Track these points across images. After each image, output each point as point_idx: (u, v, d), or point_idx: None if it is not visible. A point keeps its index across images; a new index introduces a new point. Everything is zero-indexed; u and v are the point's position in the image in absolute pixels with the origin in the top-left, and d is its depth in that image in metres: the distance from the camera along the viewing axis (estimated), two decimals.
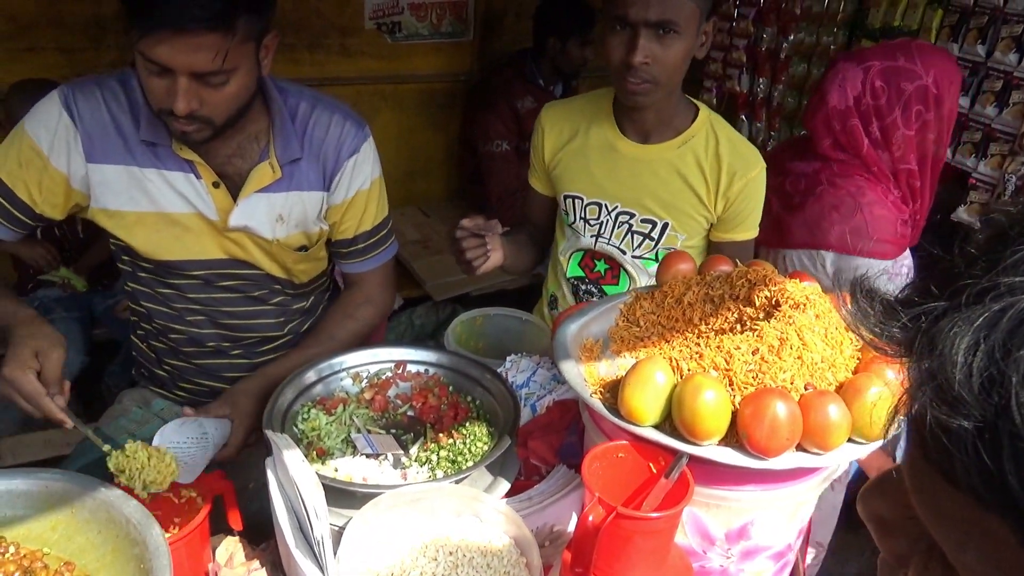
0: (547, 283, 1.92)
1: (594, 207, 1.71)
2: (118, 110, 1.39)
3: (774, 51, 3.53)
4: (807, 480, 1.02)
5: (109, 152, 1.39)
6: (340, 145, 1.50)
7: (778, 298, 1.08)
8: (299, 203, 1.51)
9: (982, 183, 2.67)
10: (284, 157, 1.46)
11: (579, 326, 1.19)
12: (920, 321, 0.39)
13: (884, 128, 1.82)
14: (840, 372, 1.00)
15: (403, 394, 1.43)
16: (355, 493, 1.14)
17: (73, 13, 3.01)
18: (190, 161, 1.41)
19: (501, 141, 3.31)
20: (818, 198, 1.88)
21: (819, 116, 1.88)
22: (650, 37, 1.47)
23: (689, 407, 0.92)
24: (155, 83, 1.25)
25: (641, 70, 1.49)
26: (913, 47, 1.81)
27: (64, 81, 2.95)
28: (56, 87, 2.41)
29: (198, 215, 1.45)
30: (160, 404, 1.66)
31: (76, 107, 1.37)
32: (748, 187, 1.62)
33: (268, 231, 1.49)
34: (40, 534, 0.99)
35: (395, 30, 3.73)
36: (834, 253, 1.86)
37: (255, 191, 1.45)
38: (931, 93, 1.77)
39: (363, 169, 1.55)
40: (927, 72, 1.76)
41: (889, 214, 1.84)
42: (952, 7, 2.75)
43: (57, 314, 2.75)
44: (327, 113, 1.50)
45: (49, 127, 1.37)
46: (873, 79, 1.80)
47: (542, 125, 1.76)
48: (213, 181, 1.43)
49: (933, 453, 0.38)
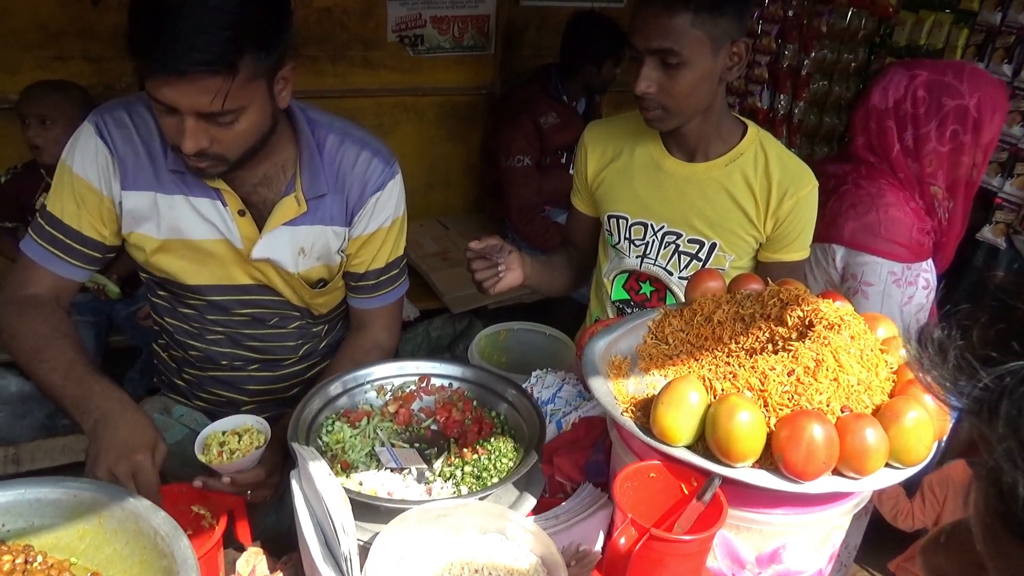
0: (591, 306, 1.88)
1: (639, 227, 1.68)
2: (148, 136, 1.39)
3: (795, 68, 3.53)
4: (841, 504, 1.01)
5: (139, 179, 1.39)
6: (365, 182, 1.48)
7: (812, 318, 1.07)
8: (322, 236, 1.49)
9: (1008, 203, 2.64)
10: (310, 192, 1.44)
11: (607, 343, 1.18)
12: (1004, 381, 0.37)
13: (918, 137, 1.82)
14: (876, 395, 0.98)
15: (427, 408, 1.42)
16: (380, 508, 1.13)
17: (101, 23, 3.06)
18: (216, 188, 1.41)
19: (523, 156, 3.32)
20: (840, 196, 1.89)
21: (859, 112, 1.91)
22: (654, 66, 1.46)
23: (723, 428, 0.91)
24: (165, 121, 1.25)
25: (647, 99, 1.49)
26: (967, 69, 1.81)
27: (90, 89, 3.00)
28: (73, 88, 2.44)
29: (224, 242, 1.45)
30: (181, 411, 1.67)
31: (110, 135, 1.37)
32: (799, 206, 1.58)
33: (291, 264, 1.48)
34: (68, 543, 0.98)
35: (417, 43, 3.76)
36: (844, 248, 1.85)
37: (280, 224, 1.45)
38: (971, 116, 1.76)
39: (386, 207, 1.52)
40: (971, 94, 1.75)
41: (905, 218, 1.82)
42: (978, 27, 2.73)
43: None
44: (355, 148, 1.48)
45: (92, 160, 1.38)
46: (917, 87, 1.80)
47: (585, 145, 1.73)
48: (239, 209, 1.43)
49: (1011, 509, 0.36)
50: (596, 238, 1.83)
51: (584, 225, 1.83)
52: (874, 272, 1.81)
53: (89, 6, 3.03)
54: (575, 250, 1.87)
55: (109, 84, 3.20)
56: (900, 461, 0.93)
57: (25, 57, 3.01)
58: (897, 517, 1.94)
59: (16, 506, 0.99)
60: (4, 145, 2.99)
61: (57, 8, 3.00)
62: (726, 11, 1.44)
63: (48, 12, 3.00)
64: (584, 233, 1.84)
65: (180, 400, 1.70)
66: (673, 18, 1.41)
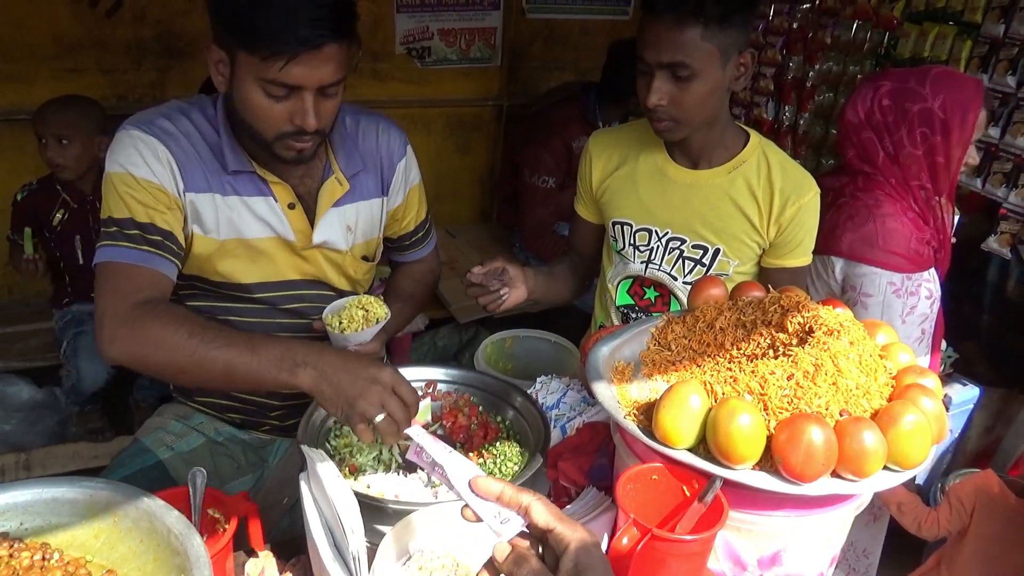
0: (595, 312, 1.91)
1: (644, 233, 1.71)
2: (197, 141, 1.40)
3: (800, 79, 3.55)
4: (840, 507, 1.02)
5: (198, 181, 1.40)
6: (391, 152, 1.60)
7: (811, 324, 1.09)
8: (366, 211, 1.59)
9: (1013, 213, 2.65)
10: (348, 170, 1.52)
11: (611, 349, 1.20)
12: None
13: (894, 143, 1.86)
14: (875, 399, 1.00)
15: (433, 413, 1.44)
16: (387, 510, 1.15)
17: (115, 35, 3.12)
18: (267, 182, 1.44)
19: (549, 177, 3.32)
20: (838, 209, 1.91)
21: (840, 131, 1.98)
22: (665, 78, 1.49)
23: (724, 431, 0.93)
24: (275, 108, 1.29)
25: (658, 111, 1.52)
26: (931, 73, 1.85)
27: (103, 100, 3.04)
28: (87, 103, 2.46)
29: (277, 239, 1.48)
30: (200, 419, 1.67)
31: (164, 138, 1.37)
32: (801, 212, 1.61)
33: (343, 243, 1.56)
34: (84, 542, 1.01)
35: (425, 55, 3.81)
36: (843, 260, 1.87)
37: (329, 207, 1.51)
38: (936, 117, 1.80)
39: (411, 171, 1.67)
40: (935, 97, 1.80)
41: (903, 228, 1.84)
42: (982, 38, 2.75)
43: (89, 326, 2.80)
44: (372, 123, 1.58)
45: (155, 161, 1.35)
46: (881, 97, 1.85)
47: (590, 153, 1.77)
48: (289, 202, 1.47)
49: None
50: (600, 245, 1.86)
51: (588, 232, 1.86)
52: (873, 283, 1.83)
53: (103, 19, 3.09)
54: (578, 257, 1.90)
55: (123, 95, 3.26)
56: (898, 464, 0.95)
57: (40, 69, 3.07)
58: (921, 527, 1.95)
59: (34, 505, 1.02)
60: (20, 156, 3.04)
61: (72, 21, 3.06)
62: (734, 23, 1.47)
63: (63, 25, 3.06)
64: (588, 240, 1.87)
65: (202, 410, 1.68)
66: (684, 32, 1.44)
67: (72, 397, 2.82)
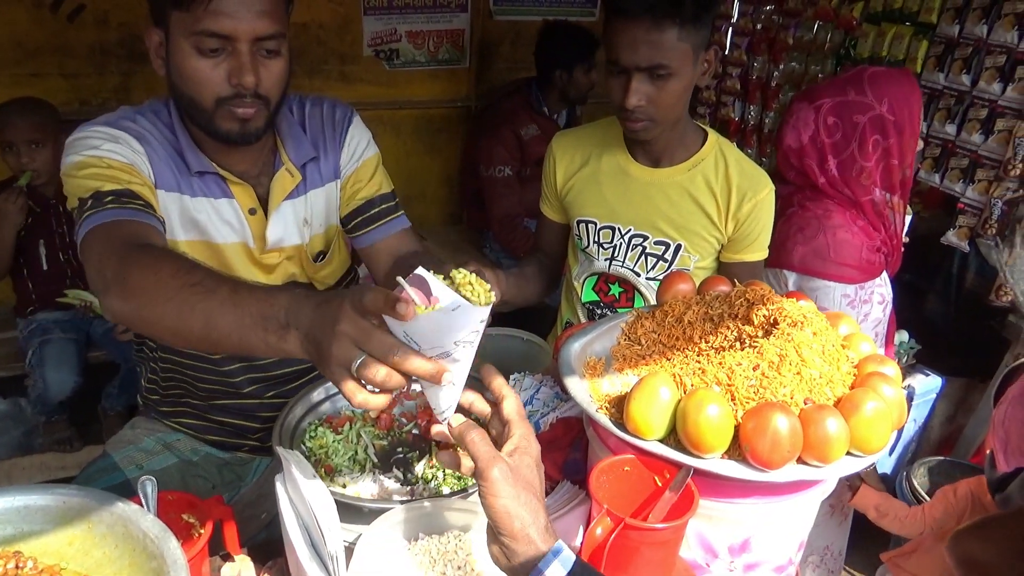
0: (561, 309, 1.95)
1: (608, 231, 1.74)
2: (162, 141, 1.37)
3: (765, 80, 3.62)
4: (806, 493, 1.05)
5: (167, 180, 1.36)
6: (335, 124, 1.52)
7: (776, 316, 1.12)
8: (321, 199, 1.52)
9: (970, 207, 2.73)
10: (298, 159, 1.47)
11: (582, 345, 1.23)
12: None
13: (841, 164, 1.85)
14: (837, 387, 1.03)
15: (408, 412, 1.45)
16: (364, 509, 1.16)
17: (78, 39, 3.07)
18: (227, 183, 1.41)
19: (504, 167, 3.37)
20: (787, 219, 1.92)
21: (779, 155, 1.96)
22: (643, 80, 1.52)
23: (693, 421, 0.95)
24: (211, 70, 1.24)
25: (636, 111, 1.55)
26: (865, 77, 1.84)
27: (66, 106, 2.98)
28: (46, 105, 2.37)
29: (241, 245, 1.45)
30: (176, 436, 1.62)
31: (124, 129, 1.32)
32: (757, 208, 1.66)
33: (298, 237, 1.50)
34: (57, 549, 1.00)
35: (393, 57, 3.81)
36: (796, 274, 1.89)
37: (282, 200, 1.46)
38: (888, 121, 1.80)
39: (363, 137, 1.56)
40: (880, 102, 1.80)
41: (854, 239, 1.85)
42: (937, 38, 2.83)
43: (55, 335, 2.76)
44: (316, 104, 1.53)
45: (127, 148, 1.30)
46: (825, 116, 1.83)
47: (553, 154, 1.80)
48: (250, 207, 1.43)
49: None
50: (565, 243, 1.90)
51: (554, 231, 1.89)
52: (827, 296, 1.85)
53: (65, 23, 3.04)
54: (545, 256, 1.93)
55: (85, 100, 3.21)
56: (860, 449, 0.98)
57: (1, 75, 3.01)
58: (904, 524, 1.97)
59: (5, 513, 1.00)
60: None
61: (33, 25, 3.02)
62: (704, 22, 1.51)
63: (24, 29, 3.01)
64: (554, 239, 1.91)
65: (179, 429, 1.63)
66: (663, 34, 1.47)
67: (38, 407, 2.77)
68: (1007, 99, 2.59)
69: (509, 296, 1.69)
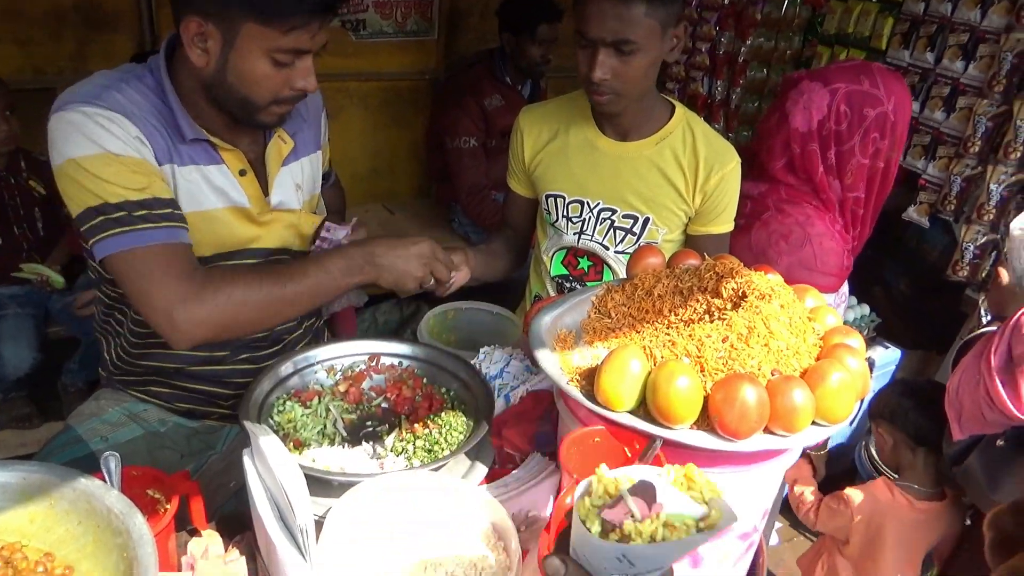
0: (530, 283, 1.95)
1: (576, 205, 1.74)
2: (151, 109, 1.33)
3: (733, 55, 3.63)
4: (772, 462, 1.07)
5: (160, 153, 1.33)
6: (316, 104, 1.61)
7: (745, 289, 1.13)
8: (308, 167, 1.59)
9: (931, 184, 2.78)
10: (290, 128, 1.51)
11: (552, 318, 1.22)
12: None
13: (840, 154, 1.81)
14: (804, 359, 1.05)
15: (377, 386, 1.44)
16: (333, 482, 1.16)
17: (33, 4, 2.95)
18: (217, 149, 1.40)
19: (469, 137, 3.33)
20: (764, 224, 1.88)
21: (779, 136, 1.86)
22: (609, 54, 1.51)
23: (663, 393, 0.96)
24: (278, 75, 1.29)
25: (602, 84, 1.54)
26: (875, 70, 1.80)
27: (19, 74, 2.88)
28: None
29: (233, 208, 1.44)
30: (143, 407, 1.59)
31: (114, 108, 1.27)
32: (724, 181, 1.67)
33: (296, 202, 1.55)
34: (19, 526, 0.98)
35: (360, 28, 3.73)
36: None
37: (279, 167, 1.50)
38: (889, 120, 1.78)
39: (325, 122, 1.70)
40: (888, 99, 1.77)
41: (837, 246, 1.84)
42: (903, 16, 2.86)
43: (11, 310, 2.69)
44: None
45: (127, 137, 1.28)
46: (839, 103, 1.77)
47: (520, 128, 1.79)
48: (240, 169, 1.44)
49: None
50: (533, 218, 1.89)
51: (522, 206, 1.89)
52: None
53: None
54: (512, 232, 1.93)
55: (40, 68, 3.10)
56: (826, 419, 1.00)
57: None
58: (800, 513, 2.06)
59: None
60: None
61: None
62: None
63: None
64: (522, 214, 1.90)
65: (146, 399, 1.60)
66: (630, 9, 1.47)
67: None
68: (969, 77, 2.64)
69: (478, 273, 1.69)
